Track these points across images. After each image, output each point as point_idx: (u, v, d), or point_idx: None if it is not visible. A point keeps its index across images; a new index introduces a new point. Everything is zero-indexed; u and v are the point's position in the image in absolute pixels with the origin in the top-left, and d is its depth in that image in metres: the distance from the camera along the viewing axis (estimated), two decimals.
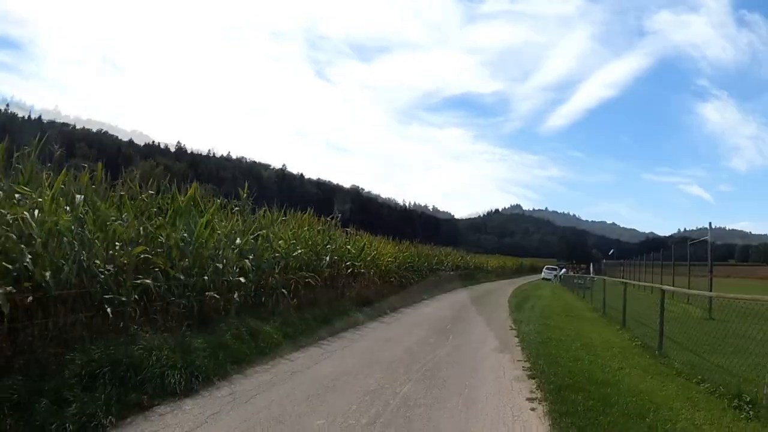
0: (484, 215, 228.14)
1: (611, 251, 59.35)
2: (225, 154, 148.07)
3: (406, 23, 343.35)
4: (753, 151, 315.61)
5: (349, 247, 14.55)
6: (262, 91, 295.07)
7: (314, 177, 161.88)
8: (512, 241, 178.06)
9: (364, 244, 16.21)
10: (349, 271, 14.68)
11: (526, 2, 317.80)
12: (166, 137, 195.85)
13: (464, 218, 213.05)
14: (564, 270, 48.05)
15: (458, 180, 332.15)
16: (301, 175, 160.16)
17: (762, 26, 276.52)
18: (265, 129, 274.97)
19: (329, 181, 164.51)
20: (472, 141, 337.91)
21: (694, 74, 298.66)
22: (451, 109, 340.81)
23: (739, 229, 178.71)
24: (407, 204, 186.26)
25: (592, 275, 45.76)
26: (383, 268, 18.15)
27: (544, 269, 54.32)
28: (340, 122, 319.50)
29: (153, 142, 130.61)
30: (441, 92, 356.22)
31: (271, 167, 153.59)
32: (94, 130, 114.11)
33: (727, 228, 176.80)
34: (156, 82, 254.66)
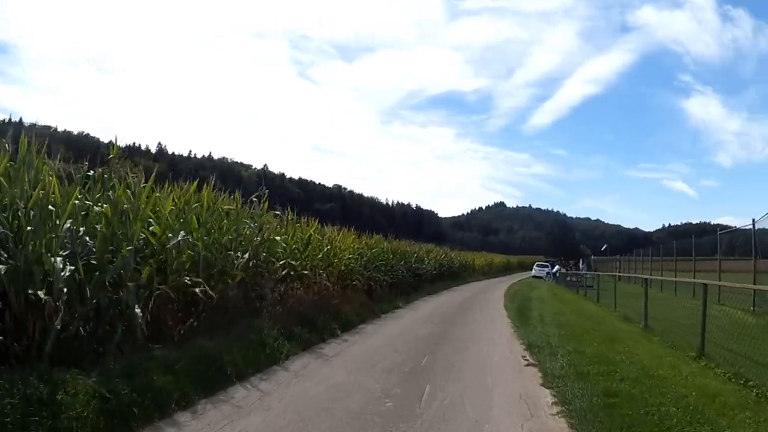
0: (467, 213, 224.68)
1: (604, 247, 55.47)
2: (206, 155, 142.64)
3: (390, 21, 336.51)
4: (737, 146, 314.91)
5: (278, 239, 9.90)
6: (245, 92, 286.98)
7: (295, 176, 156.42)
8: (496, 238, 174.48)
9: (310, 235, 11.62)
10: (283, 273, 10.17)
11: None
12: (150, 140, 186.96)
13: (448, 216, 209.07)
14: (558, 267, 43.87)
15: (442, 178, 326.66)
16: (282, 174, 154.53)
17: (746, 21, 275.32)
18: (247, 130, 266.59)
19: (311, 181, 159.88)
20: (454, 139, 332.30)
21: (678, 70, 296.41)
22: (435, 107, 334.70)
23: (725, 223, 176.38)
24: (390, 202, 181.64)
25: (584, 271, 42.02)
26: (342, 268, 13.65)
27: (534, 266, 49.94)
28: (324, 122, 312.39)
29: (134, 144, 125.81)
30: (425, 91, 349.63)
31: (253, 167, 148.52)
32: (75, 132, 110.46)
33: (711, 222, 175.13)
34: (141, 85, 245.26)
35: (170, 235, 6.77)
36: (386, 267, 17.99)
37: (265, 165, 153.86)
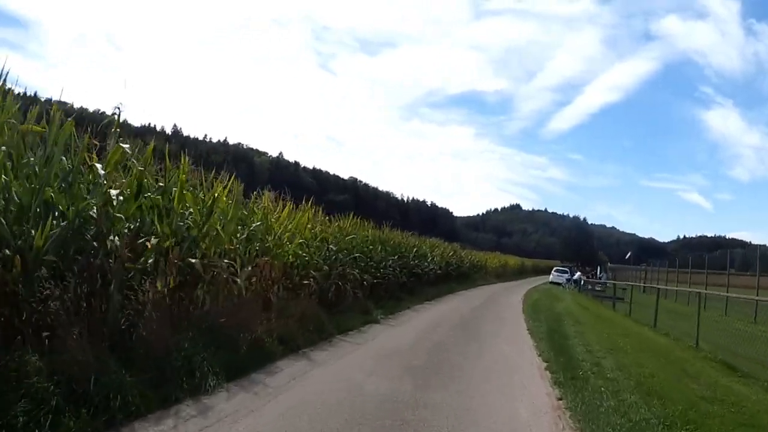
0: (482, 214, 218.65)
1: (628, 255, 50.18)
2: (221, 140, 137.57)
3: (412, 18, 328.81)
4: (755, 160, 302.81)
5: (114, 193, 5.16)
6: (265, 79, 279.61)
7: (310, 166, 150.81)
8: (510, 240, 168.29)
9: (216, 197, 6.89)
10: (151, 261, 5.62)
11: (533, 1, 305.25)
12: (167, 122, 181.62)
13: (463, 216, 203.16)
14: (579, 273, 38.79)
15: (458, 177, 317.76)
16: (296, 163, 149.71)
17: None
18: (265, 118, 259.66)
19: (326, 171, 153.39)
20: (473, 139, 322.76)
21: (699, 81, 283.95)
22: (454, 106, 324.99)
23: (739, 238, 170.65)
24: (405, 198, 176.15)
25: (604, 279, 36.96)
26: (291, 259, 9.06)
27: (552, 271, 44.60)
28: (342, 115, 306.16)
29: (149, 124, 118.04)
30: (444, 89, 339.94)
31: (268, 154, 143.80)
32: (91, 110, 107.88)
33: (726, 237, 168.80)
34: (163, 68, 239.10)
35: None
36: (368, 262, 13.33)
37: (280, 153, 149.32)
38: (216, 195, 6.88)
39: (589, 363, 7.13)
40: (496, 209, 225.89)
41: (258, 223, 8.05)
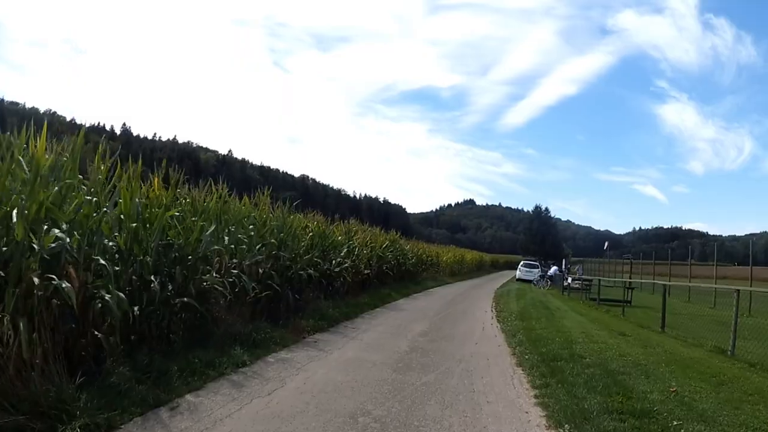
0: (436, 210, 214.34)
1: (606, 245, 43.86)
2: (171, 138, 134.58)
3: (368, 12, 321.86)
4: (710, 154, 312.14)
5: None
6: (220, 78, 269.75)
7: (257, 163, 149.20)
8: (464, 236, 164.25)
9: None
10: None
11: None
12: (120, 122, 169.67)
13: (416, 212, 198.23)
14: (555, 268, 31.68)
15: (412, 174, 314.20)
16: (244, 160, 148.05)
17: (727, 31, 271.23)
18: (219, 116, 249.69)
19: (275, 168, 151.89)
20: (427, 135, 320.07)
21: (655, 75, 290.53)
22: (408, 102, 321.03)
23: (696, 229, 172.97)
24: (357, 195, 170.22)
25: (580, 273, 30.96)
26: None
27: (520, 266, 36.99)
28: (296, 112, 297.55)
29: (98, 123, 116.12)
30: (399, 85, 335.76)
31: (216, 152, 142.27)
32: (42, 110, 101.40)
33: (683, 228, 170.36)
34: (117, 67, 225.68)
35: None
36: (157, 261, 5.11)
37: (229, 150, 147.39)
38: None
39: None
40: (449, 205, 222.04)
41: None
